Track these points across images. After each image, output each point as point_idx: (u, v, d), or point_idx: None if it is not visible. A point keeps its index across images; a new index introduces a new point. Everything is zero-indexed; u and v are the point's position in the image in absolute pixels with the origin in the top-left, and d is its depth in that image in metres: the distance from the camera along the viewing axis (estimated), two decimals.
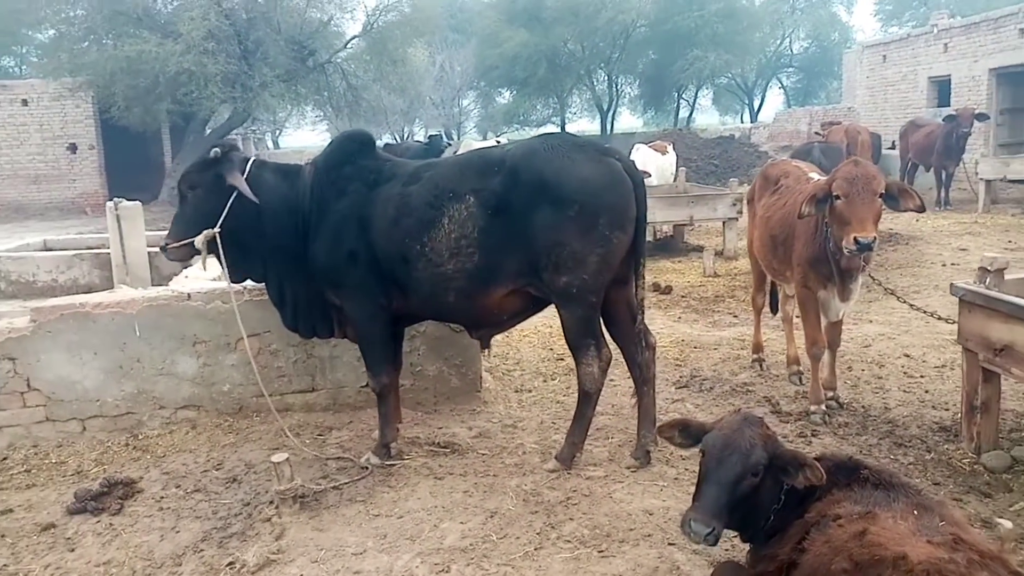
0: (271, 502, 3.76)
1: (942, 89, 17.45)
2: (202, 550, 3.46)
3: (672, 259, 10.13)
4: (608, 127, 45.85)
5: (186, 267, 5.80)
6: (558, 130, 48.66)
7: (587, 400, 3.94)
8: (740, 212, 9.74)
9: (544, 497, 3.74)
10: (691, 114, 49.30)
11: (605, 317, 3.99)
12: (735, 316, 7.25)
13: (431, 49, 44.22)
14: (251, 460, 4.31)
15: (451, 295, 3.84)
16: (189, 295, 4.72)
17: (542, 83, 42.07)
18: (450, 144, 18.73)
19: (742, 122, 47.59)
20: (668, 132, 30.61)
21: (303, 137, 53.25)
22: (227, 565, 3.31)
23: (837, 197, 4.11)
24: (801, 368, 5.31)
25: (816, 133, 11.10)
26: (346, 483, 3.98)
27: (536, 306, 4.03)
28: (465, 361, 5.10)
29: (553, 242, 3.64)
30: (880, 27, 44.85)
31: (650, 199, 10.04)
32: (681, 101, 47.21)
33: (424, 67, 41.83)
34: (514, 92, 45.46)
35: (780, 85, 50.33)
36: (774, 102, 51.84)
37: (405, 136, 47.43)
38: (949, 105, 16.98)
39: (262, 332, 4.80)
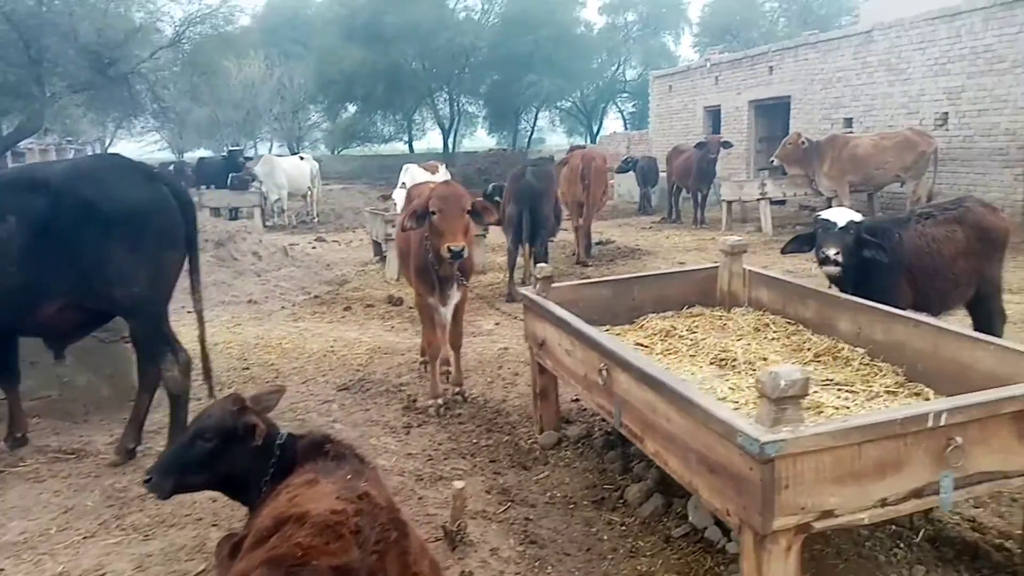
0: None
1: (716, 118, 19.21)
2: None
3: None
4: (452, 146, 46.60)
5: None
6: (405, 147, 49.04)
7: (177, 403, 4.25)
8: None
9: (131, 492, 4.01)
10: (531, 135, 51.00)
11: None
12: None
13: (268, 61, 43.29)
14: None
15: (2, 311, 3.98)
16: None
17: (383, 100, 42.30)
18: (249, 159, 18.51)
19: (584, 143, 49.59)
20: (493, 152, 31.78)
21: (129, 148, 50.39)
22: None
23: (433, 212, 4.68)
24: (449, 367, 5.91)
25: (564, 157, 12.00)
26: None
27: (103, 317, 4.30)
28: (117, 372, 5.29)
29: (101, 260, 3.88)
30: (699, 57, 48.07)
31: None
32: (527, 121, 48.96)
33: (260, 79, 40.94)
34: (357, 108, 45.40)
35: (619, 109, 52.71)
36: (615, 125, 54.40)
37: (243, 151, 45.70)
38: (720, 132, 18.74)
39: None
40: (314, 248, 13.50)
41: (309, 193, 18.21)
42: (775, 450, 2.33)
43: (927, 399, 3.36)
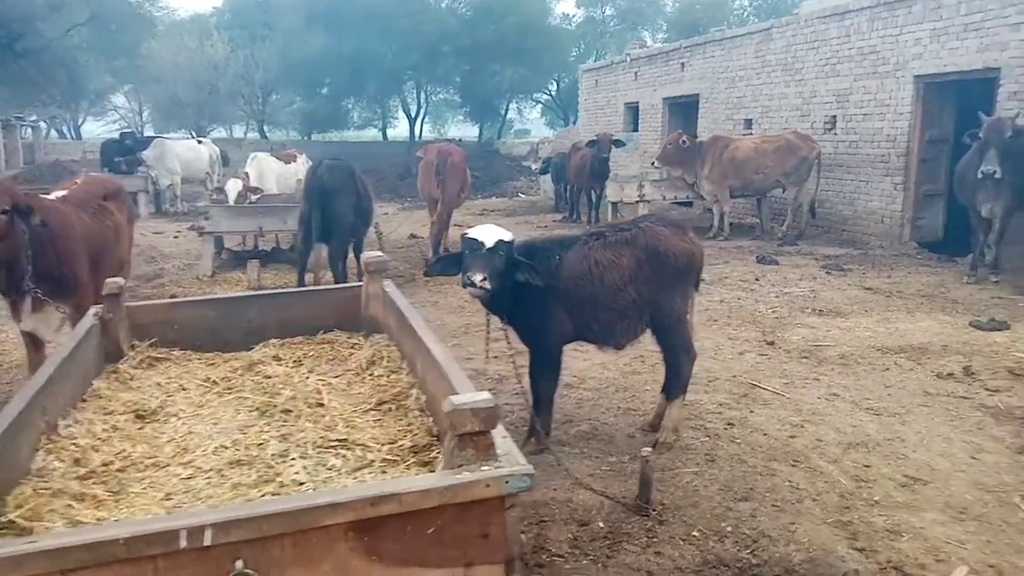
0: None
1: (635, 114, 18.51)
2: None
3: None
4: (419, 132, 45.95)
5: None
6: (379, 134, 48.15)
7: None
8: None
9: None
10: (502, 125, 50.30)
11: None
12: None
13: (232, 43, 42.40)
14: None
15: None
16: None
17: (349, 86, 41.48)
18: (143, 141, 17.67)
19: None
20: (449, 140, 31.07)
21: (93, 128, 49.52)
22: None
23: None
24: None
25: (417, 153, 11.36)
26: None
27: None
28: None
29: None
30: None
31: (220, 209, 9.74)
32: (500, 111, 48.22)
33: (224, 60, 40.05)
34: (323, 93, 44.53)
35: None
36: None
37: (205, 132, 44.65)
38: (637, 130, 18.07)
39: None
40: (175, 238, 12.84)
41: (208, 179, 17.47)
42: None
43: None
